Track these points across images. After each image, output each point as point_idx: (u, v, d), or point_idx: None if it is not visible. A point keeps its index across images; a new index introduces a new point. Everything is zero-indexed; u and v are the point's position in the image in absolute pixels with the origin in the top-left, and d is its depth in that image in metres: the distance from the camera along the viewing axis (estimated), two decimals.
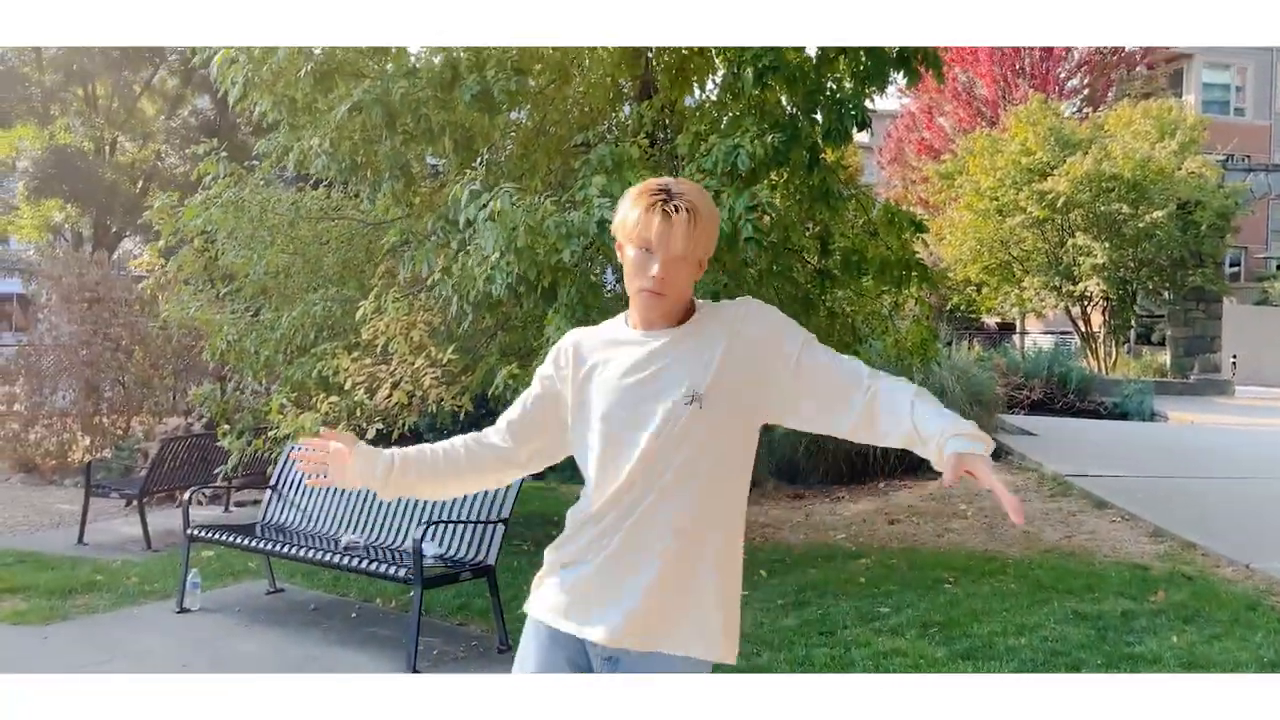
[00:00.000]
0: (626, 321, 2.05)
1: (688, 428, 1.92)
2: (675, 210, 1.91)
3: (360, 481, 2.09)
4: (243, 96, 6.25)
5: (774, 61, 5.85)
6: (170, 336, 12.40)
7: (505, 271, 5.14)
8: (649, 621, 1.96)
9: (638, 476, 1.93)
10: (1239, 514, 8.09)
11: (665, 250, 1.92)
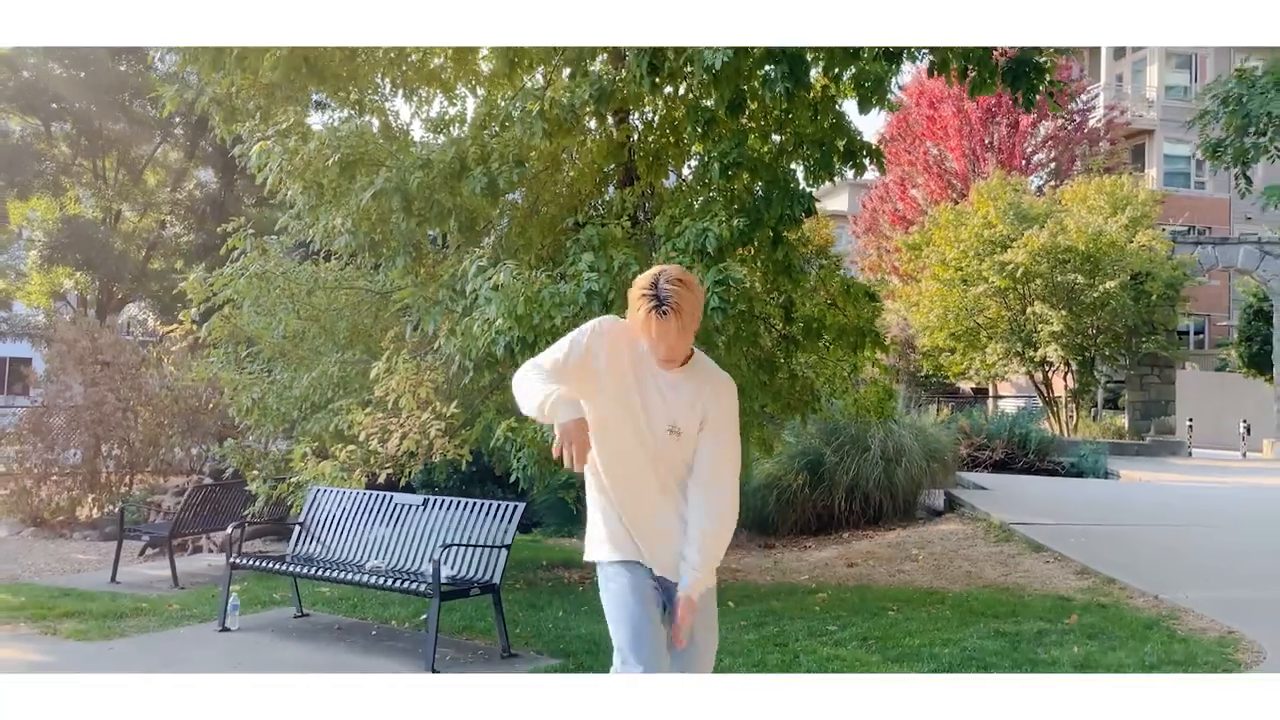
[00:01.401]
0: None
1: (670, 446, 2.91)
2: (664, 314, 2.76)
3: None
4: (278, 182, 7.20)
5: (738, 157, 6.84)
6: (176, 398, 13.23)
7: (506, 334, 6.04)
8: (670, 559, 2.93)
9: (641, 471, 2.92)
10: (1161, 555, 8.97)
11: (664, 342, 2.80)
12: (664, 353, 2.81)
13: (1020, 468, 16.80)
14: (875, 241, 33.53)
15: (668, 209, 7.21)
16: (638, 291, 2.78)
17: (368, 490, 6.62)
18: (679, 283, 2.76)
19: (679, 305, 2.74)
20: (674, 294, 2.74)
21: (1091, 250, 20.22)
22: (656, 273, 2.80)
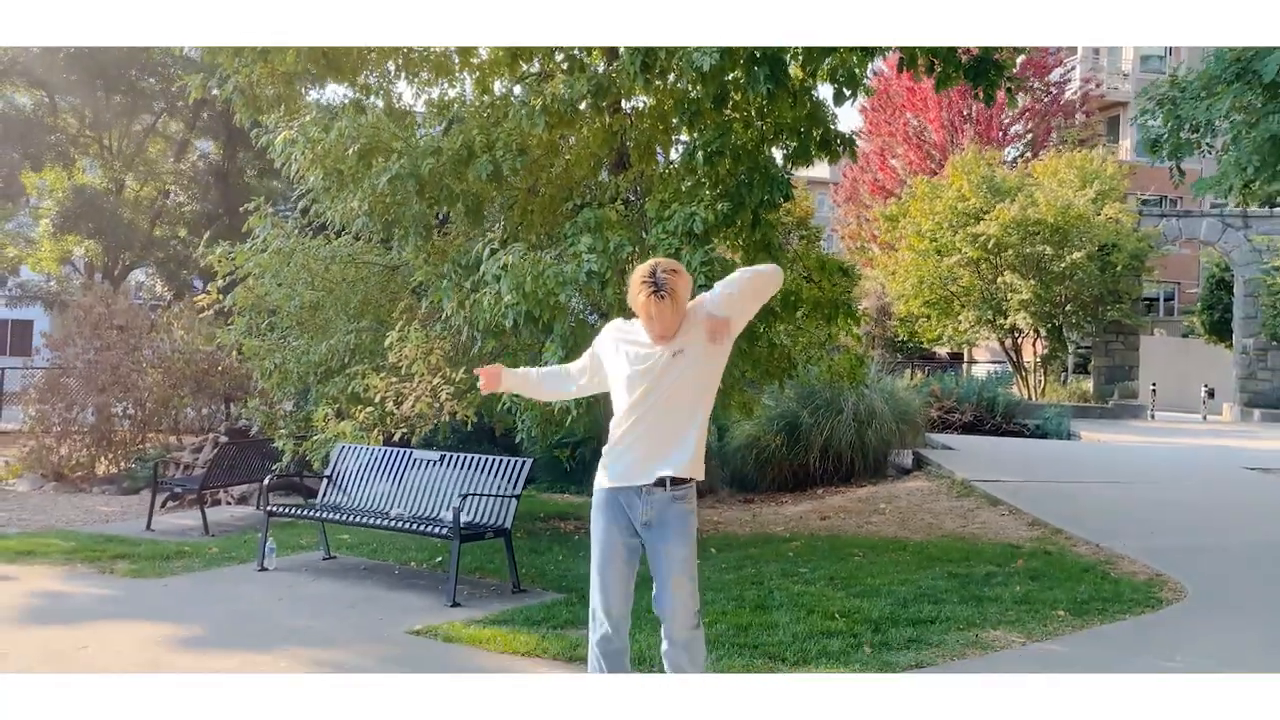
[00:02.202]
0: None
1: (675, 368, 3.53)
2: (661, 297, 3.40)
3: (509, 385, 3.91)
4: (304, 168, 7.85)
5: (720, 146, 7.53)
6: (188, 361, 13.90)
7: (516, 310, 6.75)
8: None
9: (660, 412, 3.57)
10: (1107, 509, 9.83)
11: (660, 320, 3.45)
12: (659, 329, 3.45)
13: (988, 429, 17.69)
14: (855, 210, 34.28)
15: (657, 193, 7.90)
16: (638, 279, 3.44)
17: (388, 447, 7.34)
18: (672, 272, 3.42)
19: (673, 290, 3.40)
20: (668, 281, 3.39)
21: (1060, 223, 21.04)
22: (653, 264, 3.46)
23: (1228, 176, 6.44)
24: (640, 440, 3.54)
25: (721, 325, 3.51)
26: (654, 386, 3.51)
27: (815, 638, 5.13)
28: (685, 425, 3.56)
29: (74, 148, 17.34)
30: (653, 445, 3.53)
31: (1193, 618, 5.93)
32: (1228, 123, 6.44)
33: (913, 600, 6.11)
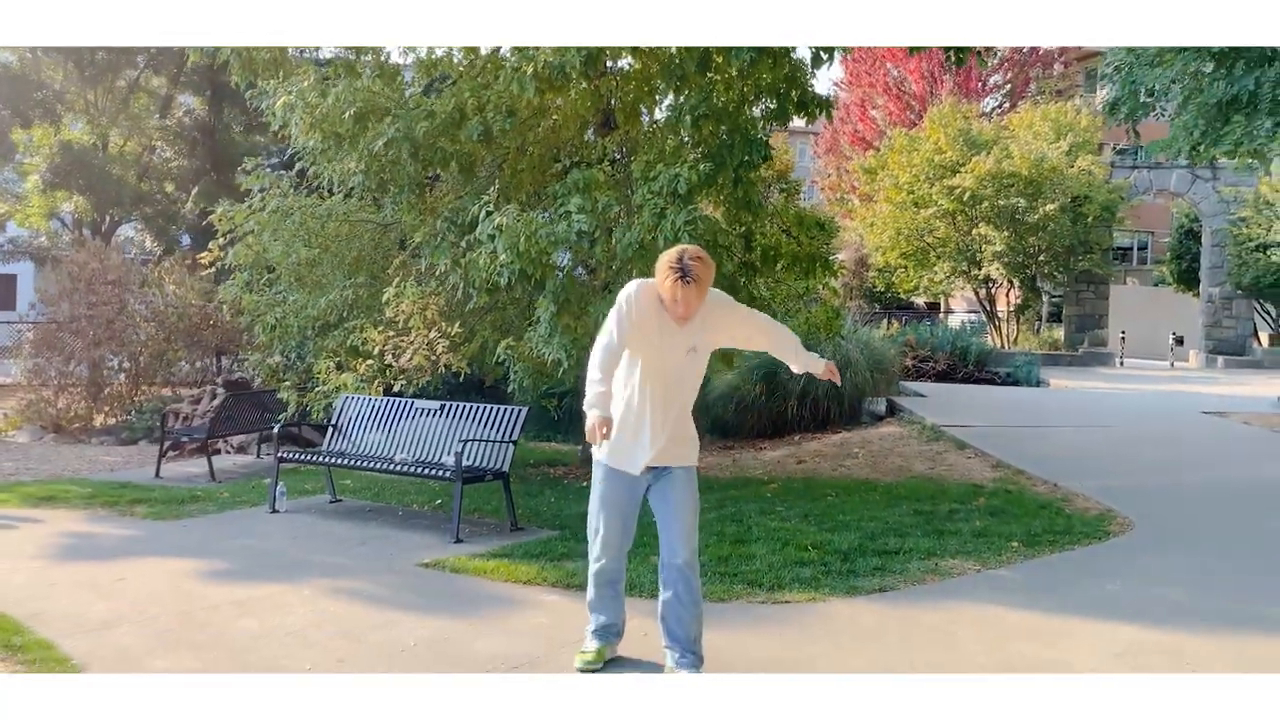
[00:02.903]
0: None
1: (687, 366, 3.93)
2: (686, 283, 3.68)
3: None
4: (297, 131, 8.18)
5: (706, 109, 7.91)
6: (181, 315, 14.24)
7: (511, 269, 7.15)
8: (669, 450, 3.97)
9: (671, 395, 3.94)
10: (1067, 451, 10.39)
11: (683, 304, 3.74)
12: (682, 311, 3.74)
13: (960, 377, 18.25)
14: (835, 162, 34.57)
15: (643, 154, 8.29)
16: (665, 264, 3.75)
17: (388, 397, 7.78)
18: (698, 260, 3.69)
19: (699, 277, 3.68)
20: (694, 268, 3.67)
21: (1034, 175, 21.47)
22: (680, 251, 3.77)
23: (1177, 139, 6.89)
24: (645, 430, 3.88)
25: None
26: (668, 379, 3.87)
27: (789, 566, 5.64)
28: (686, 417, 3.99)
29: (60, 104, 17.46)
30: (658, 436, 3.87)
31: (1135, 548, 6.47)
32: (1178, 88, 6.88)
33: (880, 534, 6.63)
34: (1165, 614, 4.96)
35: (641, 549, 5.45)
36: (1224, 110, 6.56)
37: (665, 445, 3.91)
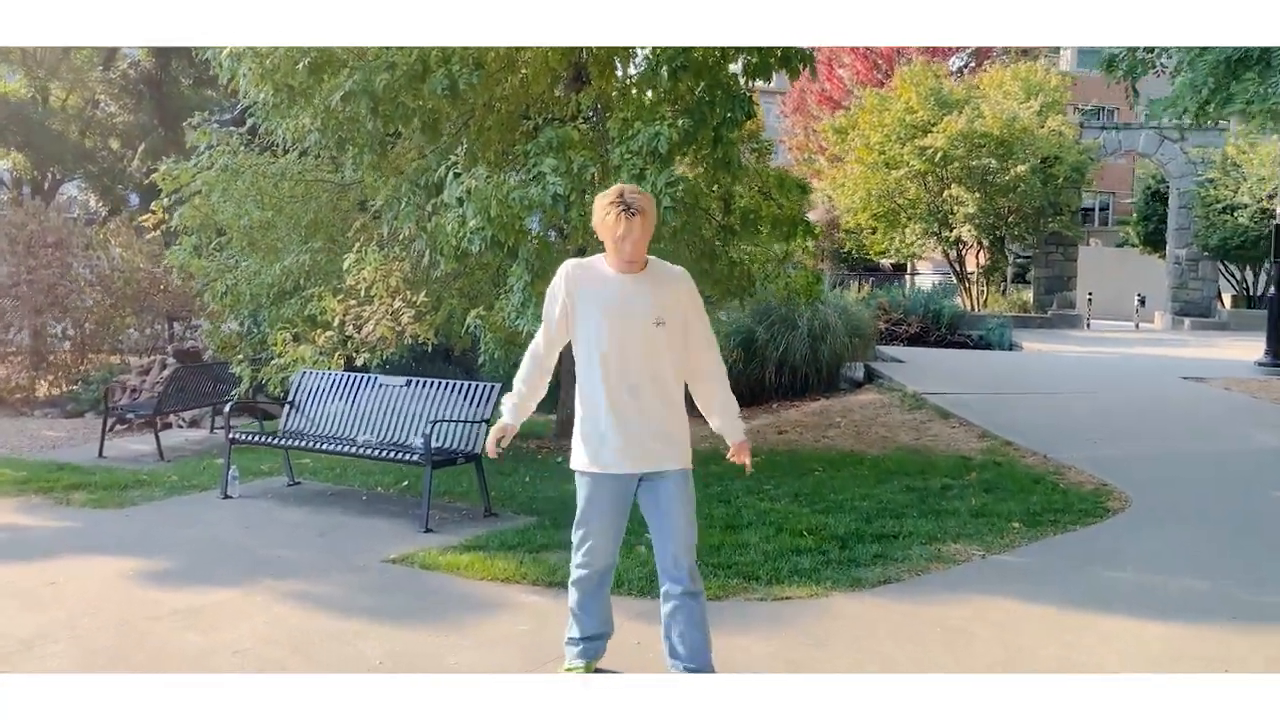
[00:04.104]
0: (607, 264, 3.44)
1: (655, 339, 3.41)
2: (631, 215, 3.29)
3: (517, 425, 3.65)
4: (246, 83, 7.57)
5: (685, 61, 7.42)
6: (128, 279, 13.56)
7: (481, 235, 6.66)
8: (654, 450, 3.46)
9: (633, 369, 3.40)
10: (1051, 419, 10.12)
11: (629, 240, 3.31)
12: (629, 251, 3.31)
13: (934, 341, 18.00)
14: (803, 121, 34.04)
15: (619, 111, 7.78)
16: (605, 202, 3.35)
17: (353, 372, 7.28)
18: (638, 194, 3.35)
19: (642, 208, 3.30)
20: (636, 200, 3.31)
21: (1005, 135, 21.15)
22: (619, 188, 3.40)
23: (1183, 98, 6.49)
24: (625, 425, 3.41)
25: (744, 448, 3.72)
26: (637, 360, 3.39)
27: (786, 556, 5.27)
28: (673, 408, 3.48)
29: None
30: (641, 432, 3.41)
31: (1137, 526, 6.18)
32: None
33: (875, 515, 6.28)
34: (1186, 606, 4.65)
35: (629, 538, 5.04)
36: (1233, 68, 6.19)
37: (648, 445, 3.43)
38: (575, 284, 3.45)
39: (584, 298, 3.43)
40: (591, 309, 3.42)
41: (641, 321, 3.39)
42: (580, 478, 3.54)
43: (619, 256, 3.39)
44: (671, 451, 3.46)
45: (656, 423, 3.42)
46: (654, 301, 3.41)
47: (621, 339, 3.38)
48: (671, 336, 3.44)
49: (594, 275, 3.46)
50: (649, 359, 3.40)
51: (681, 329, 3.47)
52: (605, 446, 3.43)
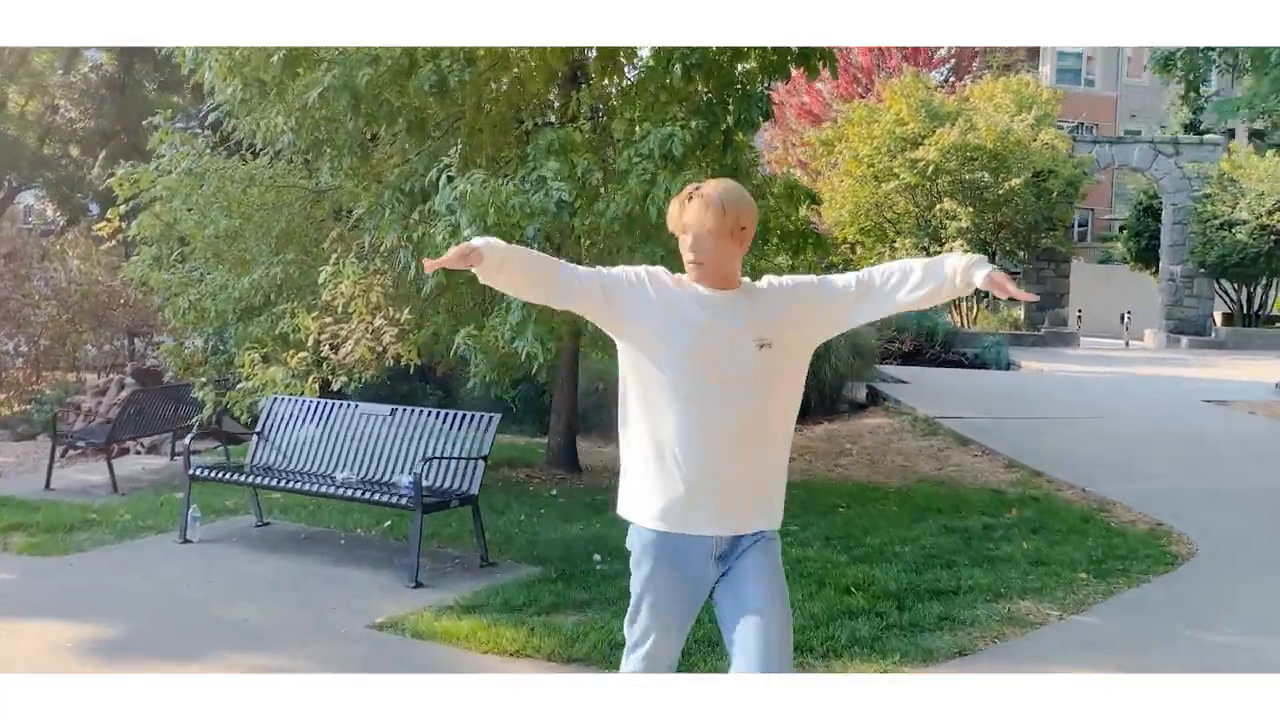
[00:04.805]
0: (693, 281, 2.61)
1: (757, 365, 2.54)
2: (695, 201, 2.53)
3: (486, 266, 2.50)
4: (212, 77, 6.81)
5: (699, 59, 6.73)
6: (85, 293, 12.68)
7: None
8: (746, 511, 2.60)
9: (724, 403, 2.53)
10: (1077, 447, 9.49)
11: (691, 231, 2.54)
12: (689, 245, 2.54)
13: (928, 359, 17.42)
14: (781, 135, 33.54)
15: (625, 112, 7.08)
16: (678, 197, 2.63)
17: (330, 399, 6.50)
18: (717, 184, 2.59)
19: (711, 197, 2.53)
20: (714, 188, 2.56)
21: (998, 149, 20.65)
22: (696, 184, 2.65)
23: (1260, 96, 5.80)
24: (711, 474, 2.56)
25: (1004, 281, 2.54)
26: (736, 391, 2.55)
27: (838, 620, 4.55)
28: (775, 458, 2.67)
29: None
30: (730, 483, 2.57)
31: (1215, 575, 5.55)
32: None
33: (923, 564, 5.59)
34: None
35: None
36: None
37: (743, 504, 2.59)
38: (660, 284, 2.63)
39: (665, 302, 2.58)
40: (671, 318, 2.57)
41: (739, 344, 2.56)
42: (638, 542, 2.68)
43: (686, 260, 2.59)
44: (764, 514, 2.65)
45: (759, 477, 2.62)
46: (755, 319, 2.57)
47: (727, 377, 2.55)
48: (780, 361, 2.59)
49: (681, 285, 2.62)
50: (758, 402, 2.58)
51: (792, 353, 2.63)
52: (682, 510, 2.59)
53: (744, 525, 2.60)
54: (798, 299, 2.63)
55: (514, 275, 2.59)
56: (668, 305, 2.58)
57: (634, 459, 2.66)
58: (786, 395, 2.66)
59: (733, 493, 2.57)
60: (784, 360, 2.59)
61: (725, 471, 2.55)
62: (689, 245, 2.56)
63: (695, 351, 2.54)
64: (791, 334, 2.60)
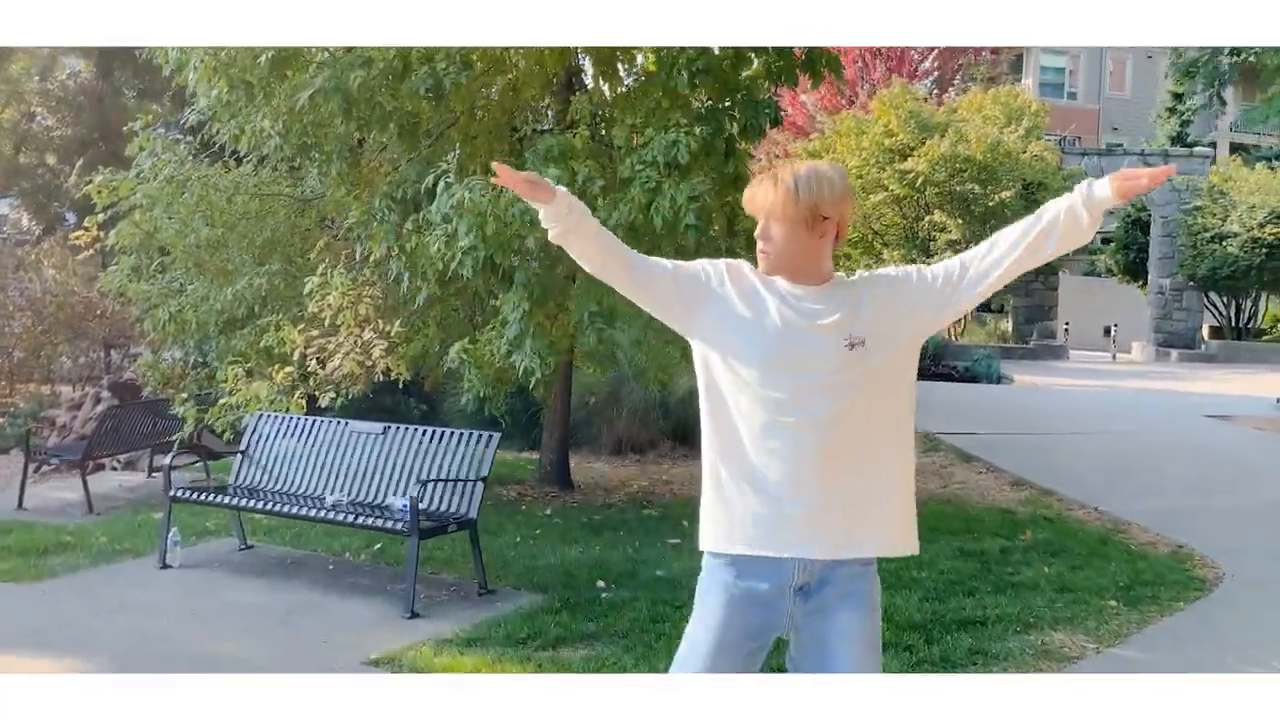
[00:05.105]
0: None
1: (848, 367, 2.25)
2: (766, 180, 2.28)
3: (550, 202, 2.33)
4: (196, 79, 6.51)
5: (706, 64, 6.48)
6: (61, 304, 12.32)
7: (475, 256, 5.64)
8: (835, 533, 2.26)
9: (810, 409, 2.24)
10: (1081, 463, 9.29)
11: (764, 212, 2.27)
12: (759, 230, 2.28)
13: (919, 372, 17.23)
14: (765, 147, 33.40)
15: (626, 118, 6.83)
16: (756, 176, 2.39)
17: (319, 417, 6.20)
18: (803, 166, 2.29)
19: (794, 180, 2.23)
20: (792, 168, 2.27)
21: (989, 160, 20.56)
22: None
23: None
24: (790, 488, 2.26)
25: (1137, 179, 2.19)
26: (822, 394, 2.26)
27: None
28: (877, 472, 2.32)
29: None
30: (814, 499, 2.25)
31: (1247, 602, 5.32)
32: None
33: (945, 591, 5.33)
34: None
35: None
36: None
37: (831, 524, 2.26)
38: (739, 277, 2.36)
39: (742, 297, 2.32)
40: (746, 314, 2.30)
41: (824, 343, 2.27)
42: (705, 566, 2.37)
43: (758, 249, 2.32)
44: (868, 535, 2.31)
45: (852, 489, 2.28)
46: (843, 315, 2.28)
47: (791, 363, 2.26)
48: (875, 360, 2.27)
49: (763, 279, 2.34)
50: (849, 406, 2.27)
51: (891, 351, 2.31)
52: (755, 516, 2.27)
53: (833, 549, 2.27)
54: (892, 289, 2.34)
55: (585, 239, 2.36)
56: (745, 300, 2.31)
57: (708, 475, 2.37)
58: (887, 399, 2.31)
59: (818, 511, 2.25)
60: (880, 359, 2.28)
61: (807, 487, 2.25)
62: (757, 230, 2.30)
63: (774, 351, 2.27)
64: (888, 330, 2.29)
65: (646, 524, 7.25)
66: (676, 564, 5.90)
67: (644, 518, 7.53)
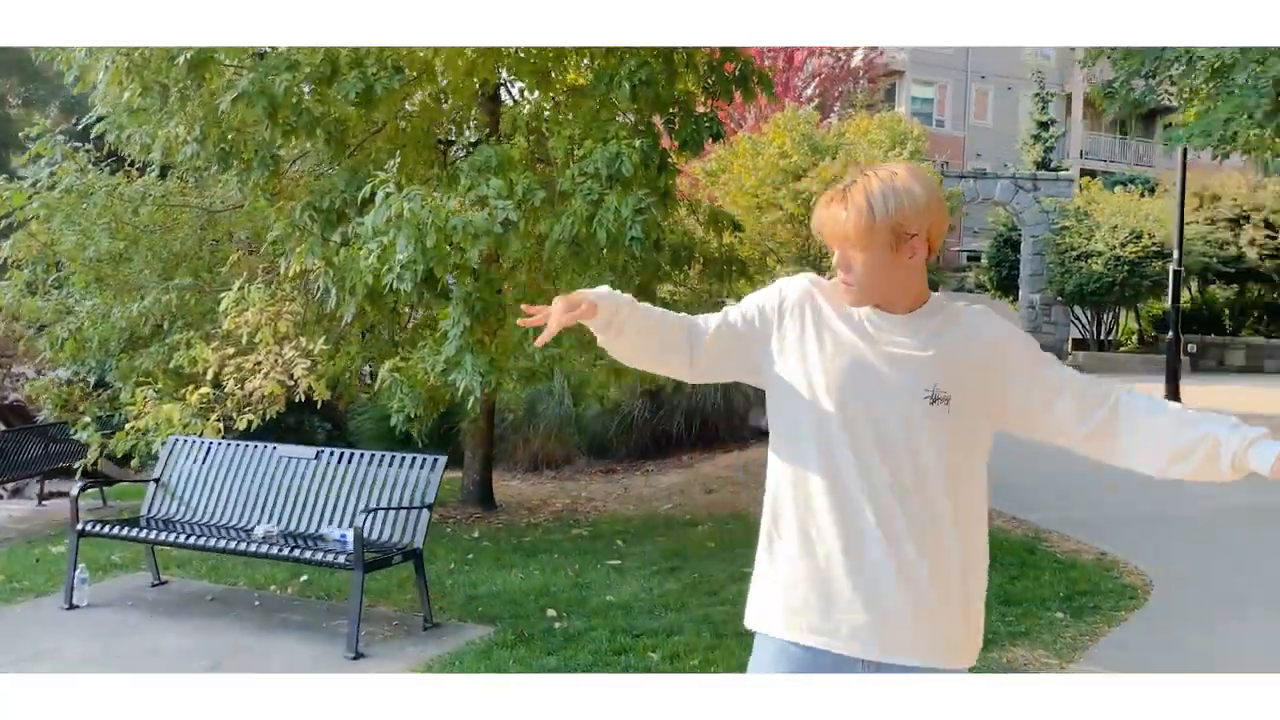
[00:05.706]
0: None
1: (927, 425, 1.89)
2: (835, 202, 1.92)
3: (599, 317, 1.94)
4: (105, 81, 6.09)
5: (648, 76, 6.38)
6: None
7: (413, 270, 5.39)
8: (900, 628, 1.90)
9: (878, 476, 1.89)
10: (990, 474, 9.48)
11: (839, 241, 1.92)
12: (838, 260, 1.93)
13: None
14: None
15: (563, 130, 6.69)
16: (823, 197, 2.01)
17: (243, 440, 5.82)
18: (875, 180, 1.90)
19: (867, 198, 1.87)
20: (863, 185, 1.90)
21: None
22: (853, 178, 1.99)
23: (1219, 123, 5.68)
24: (849, 574, 1.90)
25: None
26: (894, 456, 1.89)
27: None
28: (955, 562, 1.95)
29: None
30: (874, 582, 1.90)
31: (1187, 611, 5.47)
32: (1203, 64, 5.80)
33: None
34: None
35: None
36: None
37: (896, 616, 1.89)
38: (804, 299, 2.01)
39: (808, 326, 1.98)
40: (809, 347, 1.96)
41: (902, 389, 1.90)
42: (759, 649, 2.03)
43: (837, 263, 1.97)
44: (944, 640, 1.95)
45: (924, 579, 1.90)
46: (933, 359, 1.91)
47: (881, 437, 1.89)
48: (959, 421, 1.91)
49: (837, 300, 2.00)
50: (923, 471, 1.89)
51: (973, 421, 1.94)
52: (806, 597, 1.94)
53: (894, 647, 1.90)
54: (1008, 359, 1.97)
55: (634, 336, 1.99)
56: (811, 328, 1.97)
57: (761, 542, 2.04)
58: (964, 479, 1.95)
59: (877, 597, 1.89)
60: (961, 425, 1.91)
61: (868, 568, 1.89)
62: (834, 259, 1.94)
63: (839, 392, 1.90)
64: (975, 398, 1.93)
65: (579, 544, 7.08)
66: (624, 588, 5.75)
67: (574, 538, 7.36)
